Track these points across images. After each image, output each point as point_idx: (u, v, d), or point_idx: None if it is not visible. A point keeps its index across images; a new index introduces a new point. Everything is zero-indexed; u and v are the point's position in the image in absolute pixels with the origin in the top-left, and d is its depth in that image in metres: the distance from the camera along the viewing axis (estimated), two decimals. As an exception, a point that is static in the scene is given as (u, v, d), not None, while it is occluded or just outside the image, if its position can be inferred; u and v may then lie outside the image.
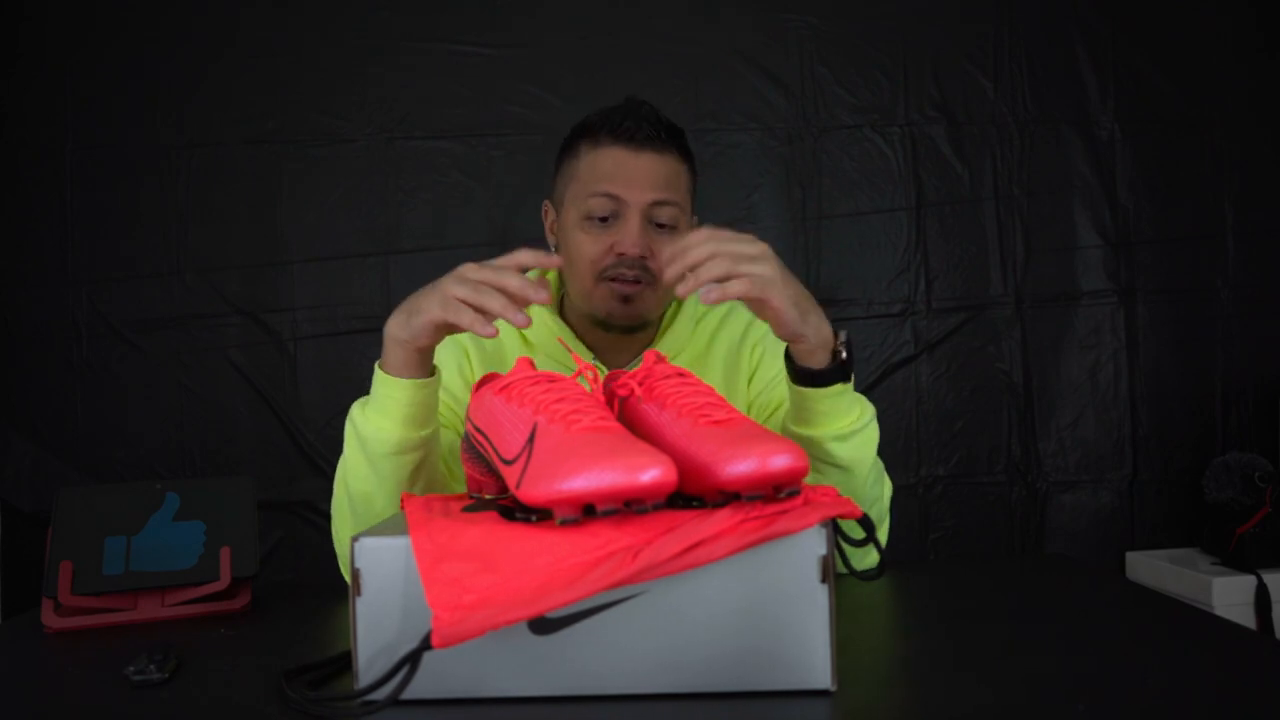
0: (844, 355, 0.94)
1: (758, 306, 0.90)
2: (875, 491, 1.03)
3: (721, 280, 0.87)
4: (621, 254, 1.10)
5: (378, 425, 0.96)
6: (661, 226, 1.12)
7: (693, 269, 0.88)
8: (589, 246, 1.12)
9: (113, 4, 2.06)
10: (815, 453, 0.97)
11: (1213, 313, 2.16)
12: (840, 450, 0.97)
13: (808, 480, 0.70)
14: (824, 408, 0.96)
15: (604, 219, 1.11)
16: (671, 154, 1.14)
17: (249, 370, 2.06)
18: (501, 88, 2.09)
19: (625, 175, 1.11)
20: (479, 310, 0.87)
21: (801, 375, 0.95)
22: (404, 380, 0.94)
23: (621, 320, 1.14)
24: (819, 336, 0.93)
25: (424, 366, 0.95)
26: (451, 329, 0.91)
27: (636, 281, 1.11)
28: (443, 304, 0.88)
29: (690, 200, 1.18)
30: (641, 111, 1.13)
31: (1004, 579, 1.10)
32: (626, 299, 1.12)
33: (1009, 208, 2.15)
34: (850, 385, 0.97)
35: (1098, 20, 2.16)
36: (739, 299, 0.88)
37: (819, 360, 0.94)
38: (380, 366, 0.96)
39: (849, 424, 0.97)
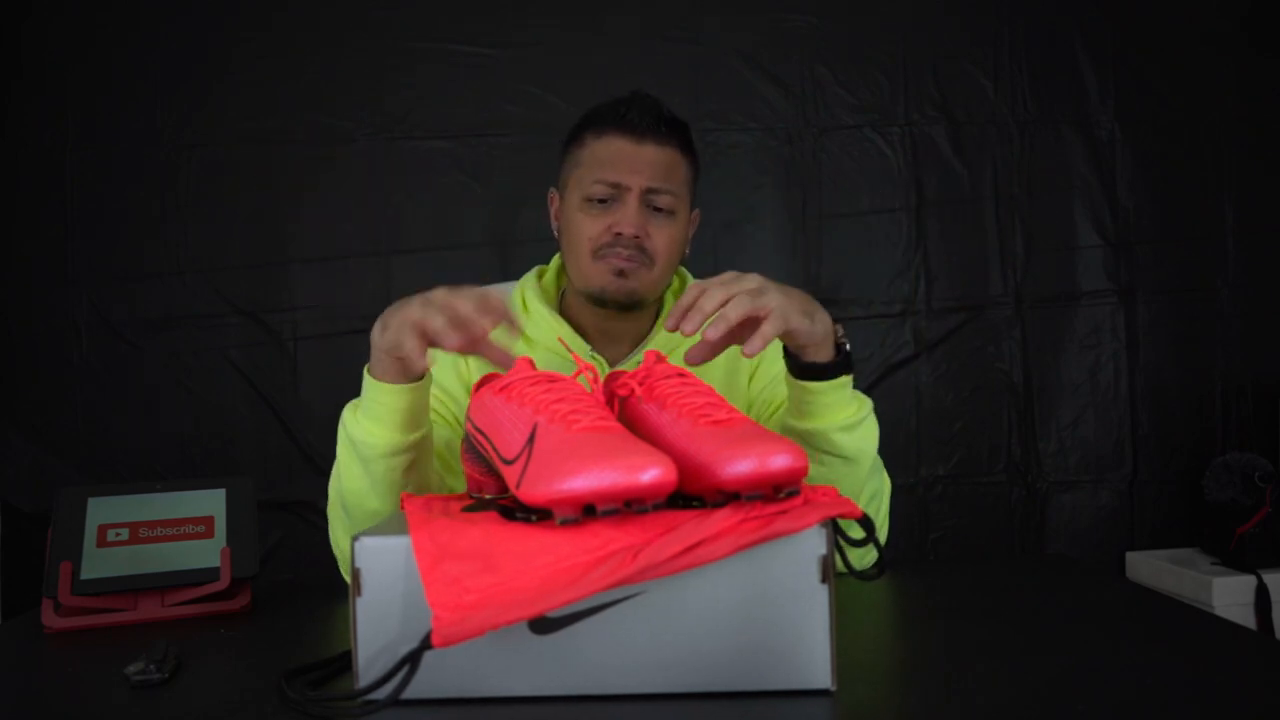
0: (846, 346, 0.97)
1: (783, 334, 0.90)
2: (875, 484, 1.05)
3: (729, 312, 0.85)
4: (619, 234, 1.14)
5: (368, 430, 0.97)
6: (659, 210, 1.15)
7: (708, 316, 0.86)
8: (588, 226, 1.16)
9: (114, 5, 2.06)
10: (820, 445, 0.98)
11: (1213, 313, 2.16)
12: (845, 441, 0.99)
13: (811, 473, 0.70)
14: (829, 400, 0.97)
15: (603, 200, 1.15)
16: (672, 146, 1.17)
17: (249, 370, 2.05)
18: (501, 88, 2.08)
19: (626, 162, 1.15)
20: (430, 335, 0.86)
21: (806, 370, 0.96)
22: (391, 386, 0.94)
23: (616, 295, 1.16)
24: (824, 331, 0.94)
25: (411, 372, 0.94)
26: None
27: (631, 260, 1.14)
28: (408, 328, 0.87)
29: (690, 193, 1.22)
30: (645, 104, 1.18)
31: (1004, 579, 1.10)
32: (621, 273, 1.15)
33: (1009, 208, 2.15)
34: (852, 376, 0.99)
35: (1098, 20, 2.16)
36: (775, 337, 0.87)
37: (824, 354, 0.95)
38: (368, 371, 0.96)
39: (852, 414, 0.99)
